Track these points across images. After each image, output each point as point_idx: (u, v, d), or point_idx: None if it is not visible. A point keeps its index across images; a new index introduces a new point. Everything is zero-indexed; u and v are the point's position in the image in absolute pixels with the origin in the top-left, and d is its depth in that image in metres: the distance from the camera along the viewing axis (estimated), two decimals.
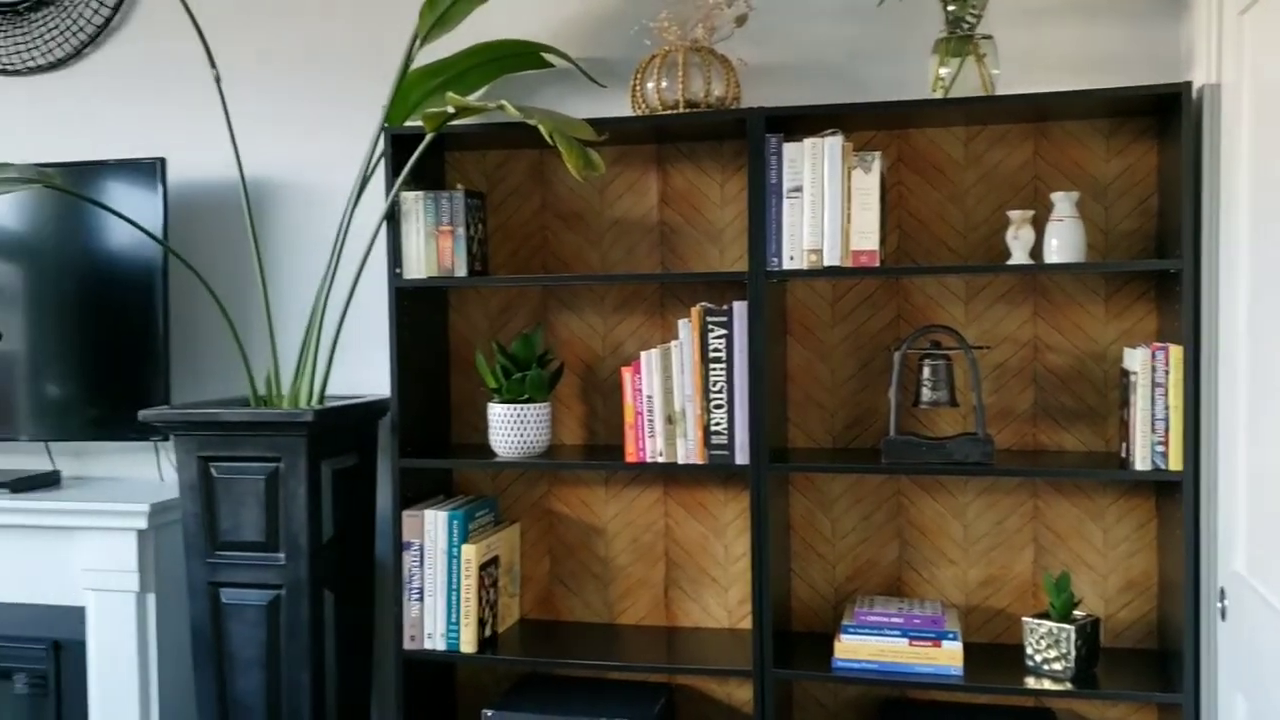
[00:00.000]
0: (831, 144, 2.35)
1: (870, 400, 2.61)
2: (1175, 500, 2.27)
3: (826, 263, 2.36)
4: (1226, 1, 2.10)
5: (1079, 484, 2.51)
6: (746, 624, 2.67)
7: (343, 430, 2.65)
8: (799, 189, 2.37)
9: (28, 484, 2.89)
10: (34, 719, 2.88)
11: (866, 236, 2.36)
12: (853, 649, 2.38)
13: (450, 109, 2.40)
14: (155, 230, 2.79)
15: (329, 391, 2.82)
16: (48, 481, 2.96)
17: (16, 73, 3.14)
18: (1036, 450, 2.53)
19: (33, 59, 3.12)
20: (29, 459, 3.09)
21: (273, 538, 2.54)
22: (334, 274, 2.67)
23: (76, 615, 2.79)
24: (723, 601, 2.71)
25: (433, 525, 2.56)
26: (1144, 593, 2.49)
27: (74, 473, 3.10)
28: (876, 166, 2.35)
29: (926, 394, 2.42)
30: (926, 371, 2.42)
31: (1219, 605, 2.12)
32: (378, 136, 2.64)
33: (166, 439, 2.87)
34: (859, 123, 2.48)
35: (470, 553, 2.53)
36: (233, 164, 2.76)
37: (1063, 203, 2.34)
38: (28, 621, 2.85)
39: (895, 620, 2.38)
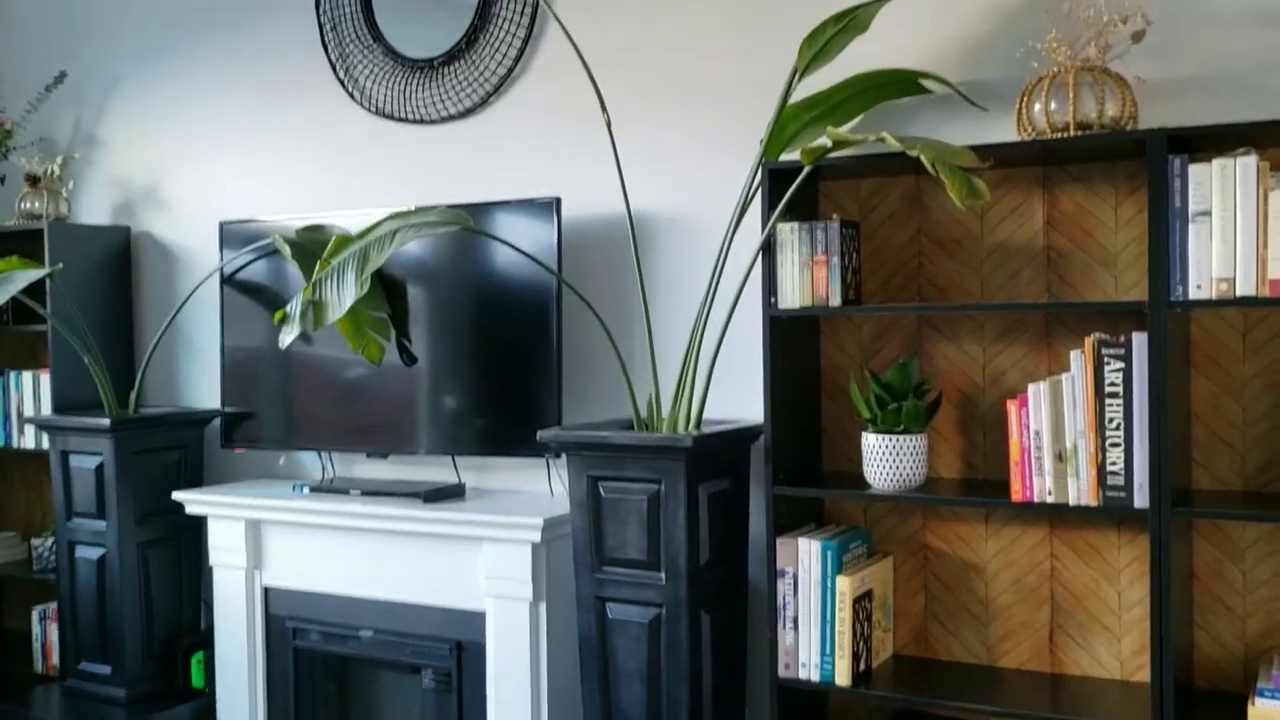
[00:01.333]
0: (1245, 164, 2.16)
1: None
2: None
3: (1239, 292, 2.17)
4: None
5: None
6: (1140, 676, 2.49)
7: (718, 455, 2.73)
8: (1206, 213, 2.20)
9: (438, 495, 3.17)
10: (439, 712, 3.17)
11: None
12: (1270, 715, 2.17)
13: (829, 142, 2.42)
14: (550, 263, 3.00)
15: (704, 416, 2.91)
16: (455, 493, 3.23)
17: (432, 122, 3.48)
18: None
19: (446, 109, 3.44)
20: (434, 471, 3.38)
21: (654, 557, 2.65)
22: (711, 303, 2.75)
23: (478, 619, 3.02)
24: (1115, 651, 2.54)
25: (806, 554, 2.58)
26: None
27: (474, 484, 3.37)
28: None
29: None
30: None
31: None
32: (755, 170, 2.70)
33: (558, 456, 3.07)
34: (1277, 139, 2.27)
35: (845, 585, 2.52)
36: (616, 198, 2.91)
37: None
38: (435, 622, 3.11)
39: None
